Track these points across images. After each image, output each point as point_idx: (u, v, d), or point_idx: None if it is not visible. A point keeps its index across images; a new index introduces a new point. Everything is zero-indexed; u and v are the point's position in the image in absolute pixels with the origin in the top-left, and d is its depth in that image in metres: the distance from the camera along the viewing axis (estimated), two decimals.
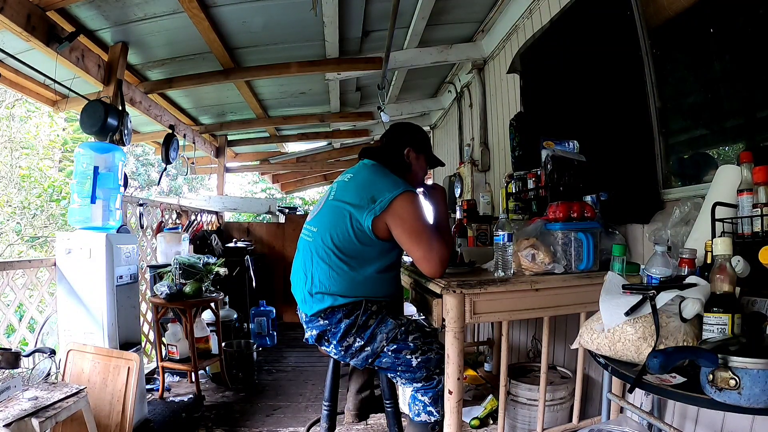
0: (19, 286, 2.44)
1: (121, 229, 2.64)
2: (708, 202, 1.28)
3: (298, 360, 3.86)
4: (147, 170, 12.26)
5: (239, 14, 2.70)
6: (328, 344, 1.62)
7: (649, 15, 1.79)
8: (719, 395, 0.85)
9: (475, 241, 2.41)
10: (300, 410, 2.77)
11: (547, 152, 1.95)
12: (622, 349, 1.10)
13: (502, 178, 3.02)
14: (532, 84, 2.66)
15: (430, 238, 1.52)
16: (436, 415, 1.57)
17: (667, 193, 1.75)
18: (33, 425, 1.52)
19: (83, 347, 2.24)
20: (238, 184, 13.48)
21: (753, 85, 1.42)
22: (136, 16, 2.59)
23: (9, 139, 7.83)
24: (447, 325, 1.48)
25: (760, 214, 1.12)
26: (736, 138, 1.59)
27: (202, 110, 4.61)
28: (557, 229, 1.63)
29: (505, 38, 3.13)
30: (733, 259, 1.05)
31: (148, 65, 3.29)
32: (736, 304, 1.00)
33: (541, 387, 1.73)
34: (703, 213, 1.35)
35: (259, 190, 13.36)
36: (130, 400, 2.09)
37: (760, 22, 1.34)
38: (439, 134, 5.50)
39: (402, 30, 3.17)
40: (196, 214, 4.73)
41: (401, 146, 1.73)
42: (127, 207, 3.37)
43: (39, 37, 2.32)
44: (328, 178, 8.32)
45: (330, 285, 1.57)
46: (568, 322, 2.24)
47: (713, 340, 0.95)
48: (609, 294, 1.19)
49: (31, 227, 7.75)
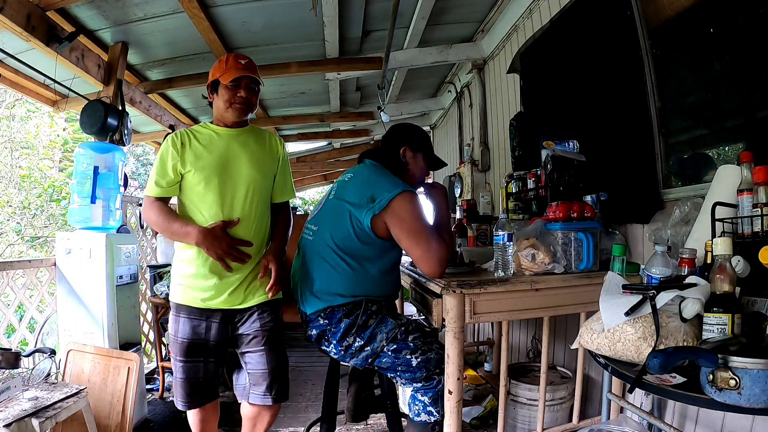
0: (19, 286, 2.44)
1: (121, 229, 2.64)
2: (708, 202, 1.28)
3: (298, 360, 3.86)
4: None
5: (239, 14, 2.70)
6: (327, 344, 1.62)
7: (649, 15, 1.79)
8: (719, 395, 0.85)
9: (475, 241, 2.41)
10: (300, 410, 2.76)
11: (547, 152, 1.95)
12: (622, 349, 1.10)
13: (502, 178, 3.02)
14: (532, 84, 2.66)
15: (429, 238, 1.52)
16: (436, 415, 1.57)
17: (667, 193, 1.75)
18: (33, 425, 1.52)
19: (83, 347, 2.24)
20: None
21: (753, 85, 1.42)
22: (136, 16, 2.59)
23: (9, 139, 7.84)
24: (447, 325, 1.49)
25: (760, 214, 1.12)
26: (736, 138, 1.59)
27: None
28: (557, 229, 1.63)
29: (505, 38, 3.13)
30: (733, 259, 1.05)
31: (148, 65, 3.29)
32: (736, 304, 1.00)
33: (541, 387, 1.73)
34: (703, 213, 1.35)
35: None
36: (130, 400, 2.09)
37: (760, 22, 1.34)
38: (439, 134, 5.51)
39: (402, 30, 3.17)
40: None
41: (397, 145, 1.73)
42: (127, 207, 3.37)
43: (39, 37, 2.32)
44: (328, 178, 8.32)
45: (330, 284, 1.57)
46: (568, 322, 2.24)
47: (713, 340, 0.95)
48: (609, 294, 1.19)
49: (31, 227, 7.76)
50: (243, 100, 1.63)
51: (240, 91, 1.62)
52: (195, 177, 1.59)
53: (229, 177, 1.61)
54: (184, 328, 1.65)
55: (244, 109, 1.66)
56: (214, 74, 1.65)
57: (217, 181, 1.59)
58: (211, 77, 1.66)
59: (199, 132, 1.67)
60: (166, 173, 1.60)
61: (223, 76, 1.61)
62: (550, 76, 2.44)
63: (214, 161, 1.61)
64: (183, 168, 1.60)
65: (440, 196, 1.81)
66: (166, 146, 1.61)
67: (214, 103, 1.70)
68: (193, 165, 1.59)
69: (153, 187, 1.61)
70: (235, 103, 1.63)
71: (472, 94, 3.99)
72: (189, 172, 1.60)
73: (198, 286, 1.63)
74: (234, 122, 1.68)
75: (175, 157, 1.59)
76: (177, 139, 1.62)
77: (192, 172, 1.59)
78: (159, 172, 1.61)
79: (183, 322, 1.65)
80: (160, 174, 1.60)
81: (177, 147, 1.60)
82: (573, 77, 2.20)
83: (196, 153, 1.60)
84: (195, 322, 1.65)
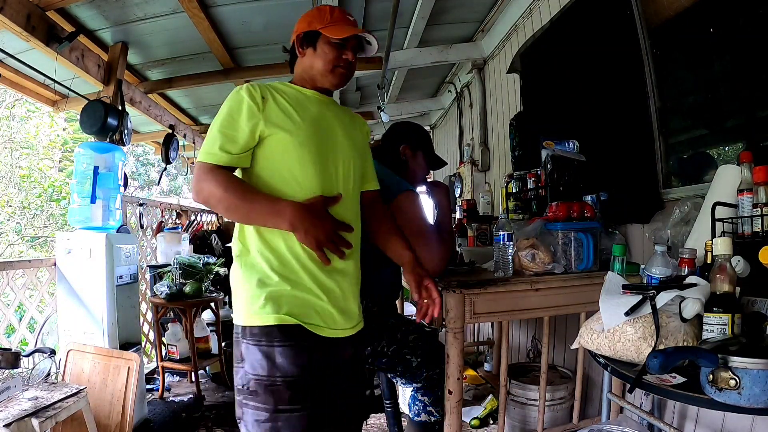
0: (19, 286, 2.44)
1: (121, 229, 2.64)
2: (708, 202, 1.28)
3: None
4: (147, 170, 12.25)
5: (239, 14, 2.70)
6: None
7: (649, 15, 1.79)
8: (719, 395, 0.85)
9: (475, 241, 2.41)
10: None
11: (547, 152, 1.95)
12: (622, 349, 1.10)
13: (502, 178, 3.02)
14: (532, 84, 2.66)
15: (430, 237, 1.52)
16: (436, 415, 1.57)
17: (667, 193, 1.75)
18: (33, 425, 1.52)
19: (83, 347, 2.24)
20: None
21: (753, 85, 1.42)
22: (136, 16, 2.59)
23: (9, 139, 7.83)
24: (447, 325, 1.48)
25: (760, 214, 1.12)
26: (736, 138, 1.59)
27: (202, 110, 4.61)
28: (557, 229, 1.63)
29: (505, 38, 3.13)
30: (733, 259, 1.05)
31: (148, 65, 3.29)
32: (736, 304, 1.00)
33: (541, 387, 1.73)
34: (703, 213, 1.35)
35: None
36: (130, 400, 2.09)
37: (760, 21, 1.34)
38: (439, 134, 5.50)
39: (402, 30, 3.17)
40: (196, 214, 4.73)
41: (397, 144, 1.73)
42: (127, 207, 3.37)
43: (39, 37, 2.32)
44: None
45: None
46: (568, 322, 2.24)
47: (713, 340, 0.95)
48: (609, 294, 1.19)
49: (31, 227, 7.76)
50: (348, 64, 1.27)
51: (347, 53, 1.26)
52: (283, 141, 1.18)
53: (326, 148, 1.23)
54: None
55: (348, 76, 1.30)
56: (311, 23, 1.26)
57: (316, 149, 1.19)
58: (306, 26, 1.27)
59: (280, 89, 1.25)
60: (239, 134, 1.15)
61: (328, 28, 1.23)
62: (550, 76, 2.44)
63: (309, 125, 1.21)
64: (266, 129, 1.16)
65: (442, 195, 1.80)
66: (239, 99, 1.18)
67: (303, 60, 1.29)
68: (281, 126, 1.18)
69: (216, 153, 1.13)
70: (340, 67, 1.26)
71: (472, 94, 3.99)
72: (273, 136, 1.17)
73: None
74: (327, 90, 1.32)
75: (256, 114, 1.16)
76: (256, 92, 1.18)
77: (279, 135, 1.17)
78: (227, 132, 1.16)
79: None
80: (229, 135, 1.15)
81: (257, 101, 1.17)
82: (573, 77, 2.20)
83: (285, 111, 1.19)
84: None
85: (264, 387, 1.09)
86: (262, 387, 1.09)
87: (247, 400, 1.10)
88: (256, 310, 1.11)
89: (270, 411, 1.08)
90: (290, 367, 1.09)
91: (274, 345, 1.09)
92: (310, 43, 1.27)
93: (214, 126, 1.18)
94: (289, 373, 1.09)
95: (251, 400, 1.10)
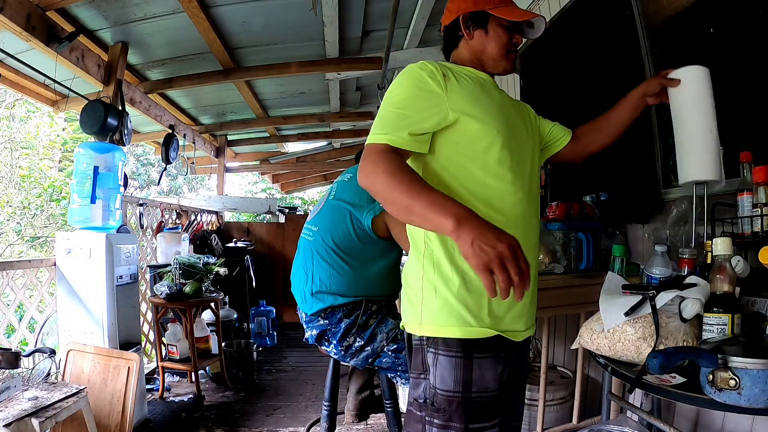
0: (19, 286, 2.44)
1: (121, 229, 2.64)
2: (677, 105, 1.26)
3: (298, 360, 3.86)
4: (147, 170, 12.26)
5: (239, 14, 2.70)
6: (328, 344, 1.62)
7: (649, 15, 1.79)
8: (719, 395, 0.85)
9: None
10: (300, 410, 2.76)
11: None
12: (622, 349, 1.10)
13: None
14: (532, 84, 2.66)
15: None
16: None
17: (667, 193, 1.75)
18: (33, 425, 1.52)
19: (83, 347, 2.24)
20: (238, 184, 13.49)
21: (753, 85, 1.42)
22: (136, 16, 2.59)
23: (9, 139, 7.83)
24: None
25: (760, 214, 1.12)
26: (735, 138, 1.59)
27: (202, 110, 4.61)
28: (557, 228, 1.63)
29: None
30: (733, 259, 1.05)
31: (148, 65, 3.29)
32: (736, 304, 1.00)
33: (541, 387, 1.73)
34: (676, 119, 1.29)
35: (259, 190, 13.36)
36: (130, 400, 2.08)
37: (760, 21, 1.34)
38: None
39: (402, 30, 3.17)
40: (196, 214, 4.73)
41: None
42: (127, 207, 3.37)
43: (39, 37, 2.32)
44: (328, 178, 8.32)
45: (330, 284, 1.57)
46: (568, 322, 2.24)
47: (713, 340, 0.95)
48: (609, 294, 1.19)
49: (31, 227, 7.75)
50: (516, 50, 1.15)
51: (516, 36, 1.12)
52: (471, 130, 0.99)
53: (515, 142, 1.05)
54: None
55: (515, 63, 1.17)
56: (477, 3, 1.10)
57: (508, 143, 1.01)
58: (472, 6, 1.11)
59: (459, 71, 1.07)
60: (425, 114, 0.97)
61: (500, 9, 1.08)
62: (550, 76, 2.44)
63: (499, 114, 1.03)
64: (452, 112, 0.98)
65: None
66: (420, 74, 1.00)
67: (473, 43, 1.13)
68: (469, 111, 0.99)
69: (395, 134, 0.94)
70: (512, 52, 1.13)
71: None
72: (460, 122, 0.99)
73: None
74: (496, 75, 1.17)
75: (440, 93, 0.98)
76: (437, 69, 1.01)
77: (467, 122, 0.99)
78: (408, 111, 0.96)
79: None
80: (412, 115, 0.96)
81: (439, 79, 0.99)
82: (573, 77, 2.20)
83: (472, 95, 1.01)
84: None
85: (457, 403, 0.98)
86: (455, 404, 0.98)
87: (432, 417, 1.00)
88: (453, 321, 0.98)
89: (461, 430, 0.98)
90: (487, 381, 0.99)
91: (473, 357, 0.98)
92: (480, 24, 1.12)
93: (388, 104, 0.99)
94: (486, 387, 0.99)
95: (437, 417, 0.99)
